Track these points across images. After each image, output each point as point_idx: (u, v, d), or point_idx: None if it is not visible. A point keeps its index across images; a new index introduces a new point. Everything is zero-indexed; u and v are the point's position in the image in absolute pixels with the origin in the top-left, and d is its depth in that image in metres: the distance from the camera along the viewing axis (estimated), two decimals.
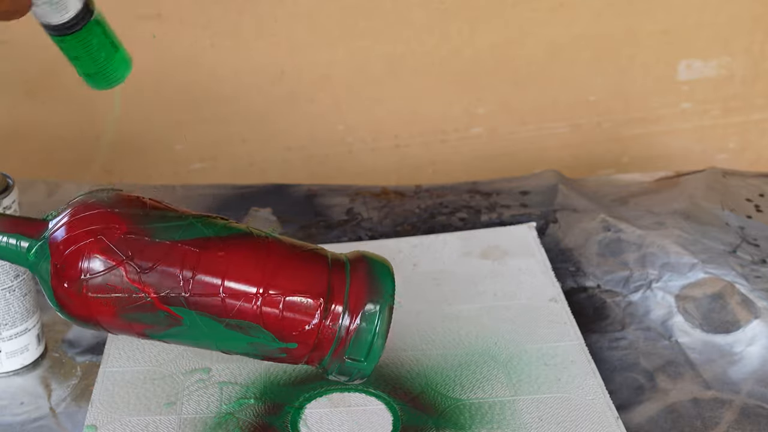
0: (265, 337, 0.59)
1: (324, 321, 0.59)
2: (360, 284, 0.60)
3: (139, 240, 0.58)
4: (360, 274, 0.61)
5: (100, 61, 0.61)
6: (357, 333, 0.59)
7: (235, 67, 1.07)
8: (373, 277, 0.60)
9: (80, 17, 0.59)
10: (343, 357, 0.60)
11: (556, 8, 1.07)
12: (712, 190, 0.87)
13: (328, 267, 0.61)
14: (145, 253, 0.58)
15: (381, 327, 0.59)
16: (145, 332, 0.61)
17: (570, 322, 0.72)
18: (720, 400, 0.66)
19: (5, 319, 0.68)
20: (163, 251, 0.58)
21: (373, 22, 1.06)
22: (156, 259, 0.58)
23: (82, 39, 0.60)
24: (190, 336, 0.60)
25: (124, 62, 0.63)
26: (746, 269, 0.76)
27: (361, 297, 0.60)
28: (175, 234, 0.59)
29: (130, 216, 0.59)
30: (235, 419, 0.64)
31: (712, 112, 1.14)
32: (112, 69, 0.62)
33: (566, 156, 1.14)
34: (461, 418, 0.64)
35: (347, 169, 1.12)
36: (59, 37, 0.60)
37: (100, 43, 0.60)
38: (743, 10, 1.09)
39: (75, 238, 0.58)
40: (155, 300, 0.58)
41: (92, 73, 0.61)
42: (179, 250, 0.58)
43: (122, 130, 1.06)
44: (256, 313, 0.59)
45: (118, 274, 0.58)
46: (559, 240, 0.83)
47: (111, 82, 0.62)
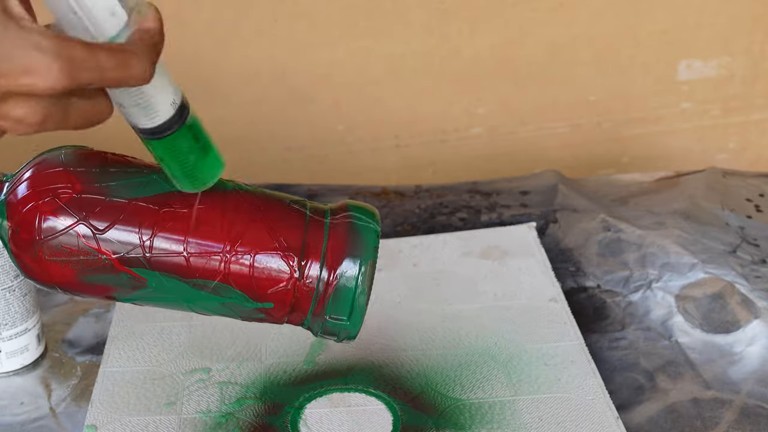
0: (237, 297, 0.56)
1: (299, 279, 0.55)
2: (339, 238, 0.56)
3: (94, 199, 0.54)
4: (340, 226, 0.57)
5: (187, 165, 0.56)
6: (336, 290, 0.55)
7: (235, 67, 1.07)
8: (355, 230, 0.56)
9: (170, 125, 0.54)
10: (324, 316, 0.56)
11: (556, 8, 1.07)
12: (712, 190, 0.87)
13: (305, 220, 0.56)
14: (100, 213, 0.54)
15: (362, 282, 0.55)
16: (112, 295, 0.57)
17: (570, 322, 0.72)
18: (720, 400, 0.66)
19: (5, 319, 0.68)
20: (119, 210, 0.54)
21: (373, 22, 1.06)
22: (112, 219, 0.54)
23: (168, 144, 0.54)
24: (159, 298, 0.57)
25: (215, 165, 0.57)
26: (746, 269, 0.76)
27: (339, 252, 0.56)
28: (134, 192, 0.55)
29: (86, 174, 0.55)
30: (235, 419, 0.64)
31: (712, 112, 1.14)
32: (199, 173, 0.56)
33: (566, 156, 1.14)
34: (461, 418, 0.64)
35: (347, 169, 1.12)
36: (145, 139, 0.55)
37: (188, 148, 0.55)
38: (743, 10, 1.09)
39: (28, 198, 0.55)
40: (115, 262, 0.55)
41: (178, 175, 0.56)
42: (137, 208, 0.55)
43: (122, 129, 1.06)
44: (224, 272, 0.55)
45: (72, 236, 0.54)
46: (559, 240, 0.83)
47: (198, 184, 0.56)
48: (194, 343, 0.71)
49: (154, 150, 0.55)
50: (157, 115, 0.53)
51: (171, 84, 0.53)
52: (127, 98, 0.52)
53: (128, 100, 0.52)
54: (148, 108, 0.52)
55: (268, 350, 0.70)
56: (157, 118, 0.53)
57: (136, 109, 0.52)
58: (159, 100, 0.52)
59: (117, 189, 0.55)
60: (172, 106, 0.53)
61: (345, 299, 0.56)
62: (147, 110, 0.53)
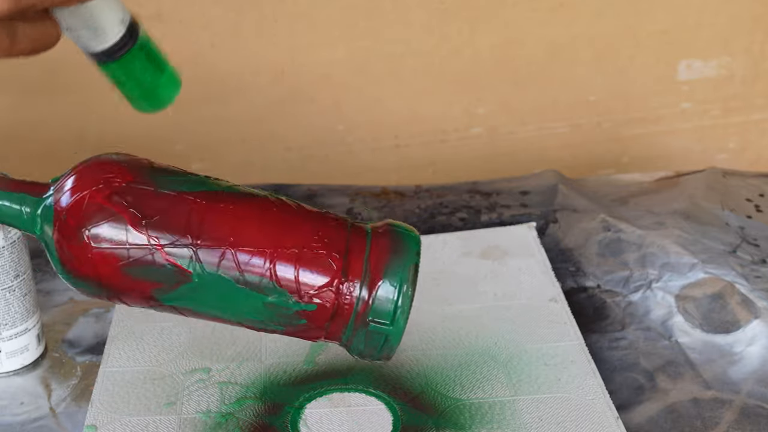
0: (280, 296, 0.55)
1: (343, 279, 0.55)
2: (382, 242, 0.57)
3: (144, 189, 0.55)
4: (382, 235, 0.57)
5: (145, 84, 0.57)
6: (379, 292, 0.55)
7: (235, 67, 1.07)
8: (396, 235, 0.57)
9: (122, 44, 0.54)
10: (367, 320, 0.56)
11: (556, 8, 1.07)
12: (712, 190, 0.87)
13: (347, 225, 0.57)
14: (150, 202, 0.55)
15: (405, 285, 0.56)
16: (154, 294, 0.56)
17: (570, 322, 0.72)
18: (720, 400, 0.66)
19: (5, 319, 0.68)
20: (168, 201, 0.55)
21: (373, 22, 1.06)
22: (161, 209, 0.55)
23: (124, 65, 0.55)
24: (202, 299, 0.56)
25: (171, 83, 0.58)
26: (746, 269, 0.76)
27: (383, 255, 0.56)
28: (182, 186, 0.56)
29: (136, 168, 0.56)
30: (235, 419, 0.64)
31: (712, 112, 1.14)
32: (157, 92, 0.57)
33: (566, 156, 1.14)
34: (461, 418, 0.64)
35: (347, 169, 1.12)
36: (100, 63, 0.55)
37: (144, 68, 0.56)
38: (743, 10, 1.09)
39: (78, 187, 0.55)
40: (160, 250, 0.55)
41: (136, 96, 0.57)
42: (186, 201, 0.55)
43: (122, 130, 1.06)
44: (270, 268, 0.55)
45: (121, 223, 0.55)
46: (559, 240, 0.83)
47: (157, 104, 0.58)
48: (194, 343, 0.71)
49: (111, 74, 0.55)
50: (108, 36, 0.53)
51: (117, 2, 0.53)
52: (74, 20, 0.52)
53: (76, 23, 0.52)
54: (98, 29, 0.53)
55: (268, 350, 0.70)
56: (108, 40, 0.53)
57: (85, 32, 0.53)
58: (107, 18, 0.53)
59: (166, 183, 0.56)
60: (122, 25, 0.54)
61: (388, 301, 0.56)
62: (97, 32, 0.53)
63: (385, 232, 0.58)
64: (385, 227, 0.58)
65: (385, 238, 0.57)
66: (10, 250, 0.66)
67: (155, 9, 1.01)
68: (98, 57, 0.54)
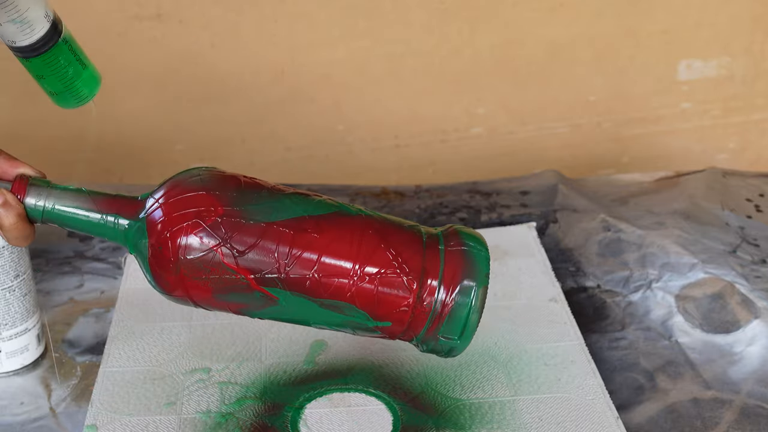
0: (359, 316, 0.59)
1: (418, 301, 0.59)
2: (455, 262, 0.59)
3: (234, 222, 0.58)
4: (455, 253, 0.60)
5: (66, 79, 0.58)
6: (452, 310, 0.59)
7: (235, 67, 1.07)
8: (469, 257, 0.59)
9: (47, 39, 0.56)
10: (437, 335, 0.59)
11: (556, 8, 1.07)
12: (712, 190, 0.87)
13: (422, 245, 0.60)
14: (240, 236, 0.58)
15: (476, 303, 0.58)
16: (241, 311, 0.61)
17: (570, 322, 0.72)
18: (720, 400, 0.66)
19: (5, 319, 0.68)
20: (258, 233, 0.58)
21: (373, 22, 1.06)
22: (251, 242, 0.58)
23: (48, 60, 0.57)
24: (286, 314, 0.60)
25: (92, 80, 0.60)
26: (746, 269, 0.76)
27: (456, 274, 0.59)
28: (270, 215, 0.58)
29: (225, 197, 0.58)
30: (235, 419, 0.64)
31: (712, 112, 1.14)
32: (79, 87, 0.59)
33: (566, 156, 1.14)
34: (461, 418, 0.64)
35: (347, 169, 1.12)
36: (24, 57, 0.56)
37: (67, 62, 0.57)
38: (743, 10, 1.09)
39: (172, 221, 0.58)
40: (251, 281, 0.58)
41: (59, 91, 0.58)
42: (274, 232, 0.58)
43: (122, 130, 1.06)
44: (351, 292, 0.58)
45: (215, 257, 0.58)
46: (559, 240, 0.83)
47: (78, 100, 0.59)
48: (194, 343, 0.71)
49: (33, 68, 0.57)
50: (33, 30, 0.54)
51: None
52: (2, 16, 0.53)
53: (2, 17, 0.53)
54: (24, 23, 0.54)
55: (268, 350, 0.70)
56: (33, 34, 0.55)
57: (11, 26, 0.54)
58: (32, 13, 0.54)
59: (254, 212, 0.58)
60: (46, 20, 0.55)
61: (459, 321, 0.59)
62: (23, 25, 0.54)
63: (458, 251, 0.60)
64: (456, 243, 0.60)
65: (457, 257, 0.59)
66: (10, 250, 0.66)
67: (155, 9, 1.01)
68: (22, 51, 0.56)
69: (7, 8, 0.53)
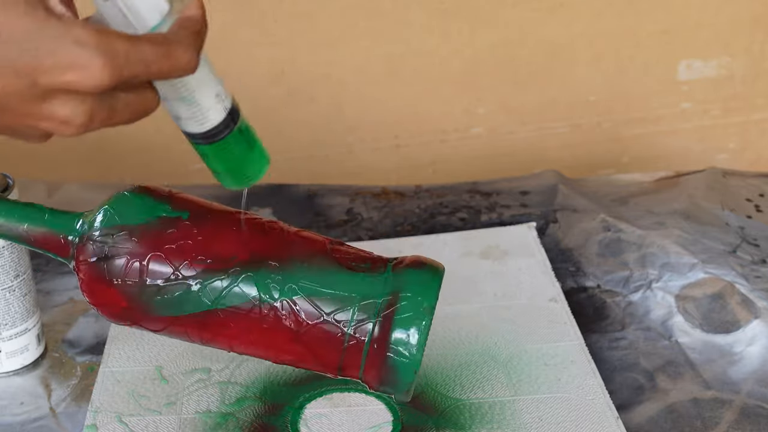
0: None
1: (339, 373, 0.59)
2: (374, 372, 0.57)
3: (139, 314, 0.58)
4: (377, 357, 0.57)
5: (235, 165, 0.54)
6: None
7: (235, 67, 1.07)
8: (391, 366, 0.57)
9: (222, 128, 0.52)
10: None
11: (556, 8, 1.07)
12: (712, 190, 0.87)
13: (344, 344, 0.57)
14: (147, 323, 0.58)
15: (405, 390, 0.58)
16: None
17: (570, 322, 0.72)
18: (720, 400, 0.66)
19: (5, 319, 0.68)
20: (165, 323, 0.58)
21: (373, 22, 1.06)
22: (160, 328, 0.59)
23: (220, 148, 0.52)
24: None
25: (261, 159, 0.56)
26: (746, 269, 0.76)
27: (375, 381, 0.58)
28: (173, 310, 0.57)
29: (129, 292, 0.57)
30: (235, 419, 0.64)
31: (712, 112, 1.14)
32: (246, 170, 0.55)
33: (566, 156, 1.14)
34: (461, 418, 0.64)
35: (347, 169, 1.12)
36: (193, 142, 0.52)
37: (238, 150, 0.53)
38: (743, 10, 1.09)
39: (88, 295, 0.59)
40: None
41: (224, 174, 0.54)
42: (181, 324, 0.58)
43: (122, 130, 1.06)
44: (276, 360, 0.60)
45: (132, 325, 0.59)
46: (559, 240, 0.83)
47: (245, 182, 0.55)
48: (194, 343, 0.71)
49: (202, 152, 0.53)
50: (207, 118, 0.51)
51: (215, 77, 0.51)
52: (172, 93, 0.50)
53: (173, 94, 0.50)
54: (196, 109, 0.50)
55: None
56: (206, 122, 0.51)
57: (183, 108, 0.50)
58: (207, 99, 0.50)
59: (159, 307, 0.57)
60: (223, 109, 0.51)
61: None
62: (195, 111, 0.50)
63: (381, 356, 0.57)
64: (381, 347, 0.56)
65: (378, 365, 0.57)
66: (10, 250, 0.66)
67: None
68: (193, 137, 0.52)
69: (180, 91, 0.49)
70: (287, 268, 0.57)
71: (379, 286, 0.57)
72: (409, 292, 0.57)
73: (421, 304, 0.56)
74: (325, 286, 0.57)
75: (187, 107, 0.50)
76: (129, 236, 0.57)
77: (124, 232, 0.57)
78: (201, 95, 0.50)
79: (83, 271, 0.58)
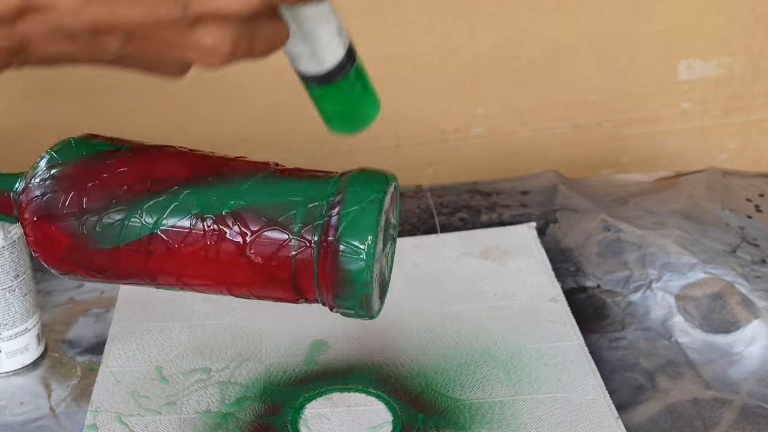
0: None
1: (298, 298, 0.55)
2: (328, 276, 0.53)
3: (81, 252, 0.55)
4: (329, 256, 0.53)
5: (350, 106, 0.53)
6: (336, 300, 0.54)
7: (235, 67, 1.06)
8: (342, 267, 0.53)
9: (341, 67, 0.51)
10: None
11: (556, 8, 1.07)
12: (712, 190, 0.87)
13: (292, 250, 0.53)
14: (91, 265, 0.56)
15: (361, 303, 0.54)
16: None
17: (570, 322, 0.72)
18: (720, 400, 0.66)
19: (5, 319, 0.68)
20: (108, 260, 0.55)
21: (373, 22, 1.06)
22: (103, 268, 0.56)
23: (336, 89, 0.52)
24: None
25: (373, 103, 0.55)
26: (746, 269, 0.76)
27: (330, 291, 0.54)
28: (115, 239, 0.54)
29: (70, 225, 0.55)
30: (235, 419, 0.64)
31: (712, 112, 1.14)
32: (360, 113, 0.54)
33: (566, 156, 1.14)
34: (461, 418, 0.64)
35: (347, 169, 1.12)
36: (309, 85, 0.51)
37: (355, 91, 0.53)
38: (743, 10, 1.09)
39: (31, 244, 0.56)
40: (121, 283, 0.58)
41: (337, 116, 0.54)
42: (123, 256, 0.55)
43: (122, 130, 1.06)
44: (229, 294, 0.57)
45: (78, 276, 0.57)
46: (559, 240, 0.83)
47: (357, 126, 0.54)
48: (194, 343, 0.71)
49: (316, 94, 0.52)
50: (325, 60, 0.50)
51: (335, 12, 0.50)
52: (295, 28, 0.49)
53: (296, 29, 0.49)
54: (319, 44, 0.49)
55: (268, 350, 0.70)
56: (325, 64, 0.50)
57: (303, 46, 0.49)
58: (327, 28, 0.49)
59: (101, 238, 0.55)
60: (341, 43, 0.50)
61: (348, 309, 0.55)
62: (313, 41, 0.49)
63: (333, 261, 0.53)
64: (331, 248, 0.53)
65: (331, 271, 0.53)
66: (10, 250, 0.66)
67: None
68: (312, 78, 0.51)
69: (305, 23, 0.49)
70: (229, 182, 0.55)
71: (324, 189, 0.55)
72: (356, 188, 0.54)
73: (367, 197, 0.54)
74: (269, 195, 0.55)
75: (309, 44, 0.50)
76: (66, 169, 0.55)
77: (62, 167, 0.56)
78: (324, 30, 0.50)
79: (27, 218, 0.56)
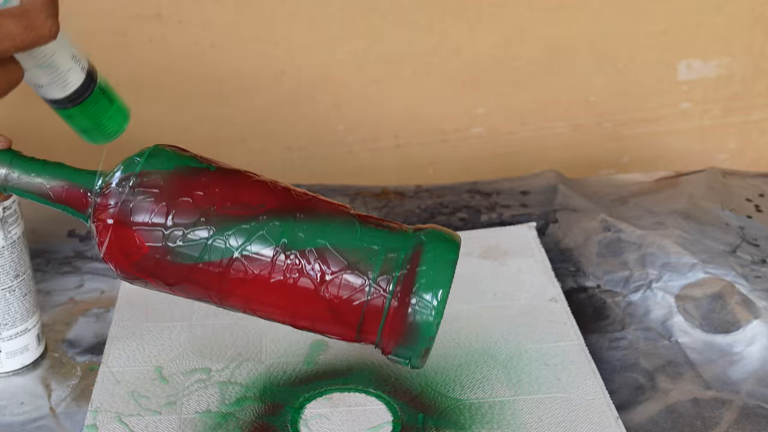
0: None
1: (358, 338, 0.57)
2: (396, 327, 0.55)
3: (158, 260, 0.55)
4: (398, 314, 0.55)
5: (98, 119, 0.58)
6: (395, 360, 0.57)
7: (235, 67, 1.07)
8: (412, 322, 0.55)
9: (84, 88, 0.55)
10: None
11: (556, 8, 1.07)
12: (712, 190, 0.87)
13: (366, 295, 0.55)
14: (165, 275, 0.56)
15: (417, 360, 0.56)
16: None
17: (570, 322, 0.72)
18: (720, 400, 0.66)
19: (5, 319, 0.68)
20: (183, 274, 0.56)
21: (372, 22, 1.06)
22: (176, 280, 0.56)
23: (82, 109, 0.56)
24: None
25: (121, 114, 0.59)
26: (746, 269, 0.76)
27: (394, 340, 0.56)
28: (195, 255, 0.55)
29: (150, 236, 0.55)
30: (235, 419, 0.64)
31: (712, 112, 1.14)
32: (107, 125, 0.58)
33: (566, 156, 1.14)
34: (461, 418, 0.64)
35: (347, 169, 1.12)
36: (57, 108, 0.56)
37: (101, 106, 0.57)
38: (743, 10, 1.09)
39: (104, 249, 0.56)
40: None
41: (87, 128, 0.58)
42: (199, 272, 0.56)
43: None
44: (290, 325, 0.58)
45: (148, 284, 0.57)
46: (559, 240, 0.83)
47: (107, 137, 0.58)
48: (194, 343, 0.71)
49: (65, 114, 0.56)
50: (68, 84, 0.54)
51: (69, 41, 0.53)
52: (30, 61, 0.52)
53: (31, 63, 0.52)
54: (58, 75, 0.53)
55: (268, 350, 0.70)
56: (69, 88, 0.54)
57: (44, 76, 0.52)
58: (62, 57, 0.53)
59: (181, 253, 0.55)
60: (79, 68, 0.53)
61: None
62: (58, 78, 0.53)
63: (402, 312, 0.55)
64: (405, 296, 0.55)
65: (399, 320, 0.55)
66: (10, 250, 0.66)
67: (155, 9, 1.01)
68: (58, 102, 0.55)
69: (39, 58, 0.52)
70: (314, 220, 0.56)
71: (401, 241, 0.57)
72: (434, 245, 0.57)
73: (444, 257, 0.56)
74: (351, 239, 0.56)
75: (48, 74, 0.53)
76: (158, 179, 0.55)
77: (153, 176, 0.56)
78: (60, 59, 0.53)
79: (106, 220, 0.55)
